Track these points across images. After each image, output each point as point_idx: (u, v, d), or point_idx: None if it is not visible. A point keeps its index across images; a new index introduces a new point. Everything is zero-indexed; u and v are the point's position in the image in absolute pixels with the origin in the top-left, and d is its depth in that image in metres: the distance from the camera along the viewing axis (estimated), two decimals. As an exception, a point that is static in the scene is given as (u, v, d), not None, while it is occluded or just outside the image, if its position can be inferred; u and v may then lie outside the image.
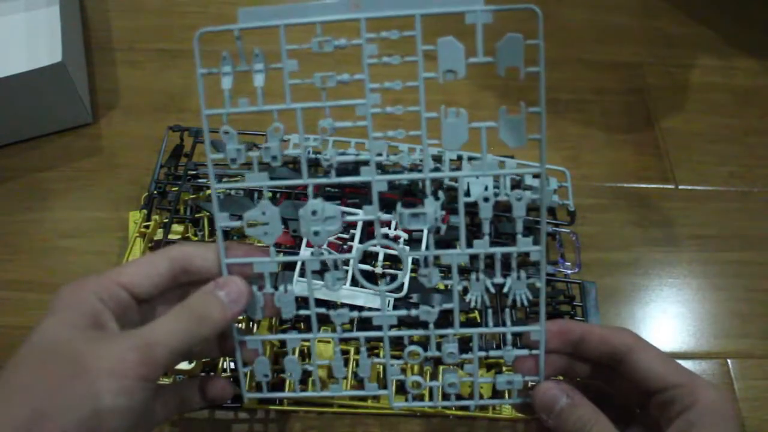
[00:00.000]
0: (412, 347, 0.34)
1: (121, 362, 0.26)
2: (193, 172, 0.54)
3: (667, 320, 0.54)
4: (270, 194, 0.53)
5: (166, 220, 0.51)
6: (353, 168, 0.55)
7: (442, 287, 0.50)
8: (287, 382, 0.43)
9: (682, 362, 0.51)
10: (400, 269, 0.47)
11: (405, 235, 0.48)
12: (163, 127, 0.63)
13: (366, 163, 0.54)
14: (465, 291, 0.42)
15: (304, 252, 0.45)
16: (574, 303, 0.49)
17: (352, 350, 0.45)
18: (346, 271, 0.45)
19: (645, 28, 0.76)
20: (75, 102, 0.60)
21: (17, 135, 0.61)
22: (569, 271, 0.52)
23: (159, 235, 0.51)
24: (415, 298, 0.46)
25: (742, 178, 0.63)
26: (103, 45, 0.70)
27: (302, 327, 0.47)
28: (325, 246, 0.45)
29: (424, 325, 0.34)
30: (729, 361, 0.52)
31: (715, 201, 0.62)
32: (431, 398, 0.43)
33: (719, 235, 0.59)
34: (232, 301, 0.30)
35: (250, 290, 0.31)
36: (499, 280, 0.33)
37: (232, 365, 0.47)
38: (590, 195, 0.56)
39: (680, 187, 0.62)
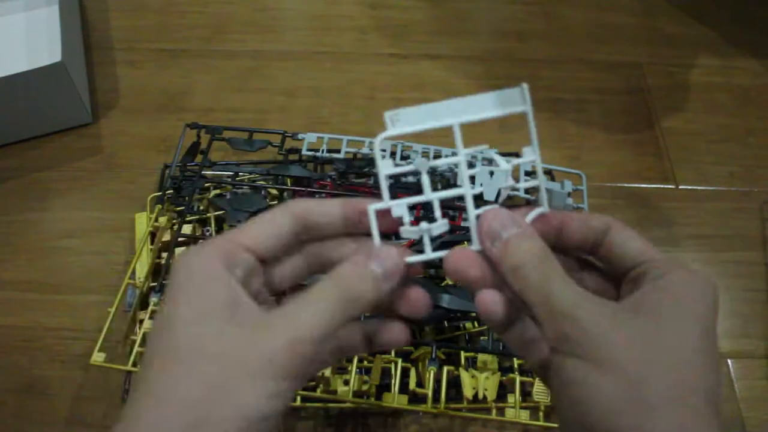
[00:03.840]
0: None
1: (271, 364, 0.24)
2: (209, 170, 0.55)
3: (667, 320, 0.54)
4: (276, 191, 0.53)
5: (175, 221, 0.52)
6: (367, 164, 0.55)
7: (451, 282, 0.50)
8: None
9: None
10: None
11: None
12: (163, 126, 0.63)
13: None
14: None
15: None
16: None
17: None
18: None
19: (645, 28, 0.76)
20: (75, 102, 0.60)
21: (17, 135, 0.61)
22: None
23: (167, 236, 0.51)
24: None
25: (742, 178, 0.63)
26: (103, 45, 0.70)
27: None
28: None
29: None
30: (729, 361, 0.52)
31: (715, 201, 0.62)
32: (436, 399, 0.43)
33: (719, 235, 0.59)
34: (387, 277, 0.26)
35: (405, 262, 0.27)
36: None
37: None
38: (590, 195, 0.56)
39: (680, 187, 0.62)
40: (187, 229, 0.51)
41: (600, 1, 0.78)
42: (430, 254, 0.28)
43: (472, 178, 0.50)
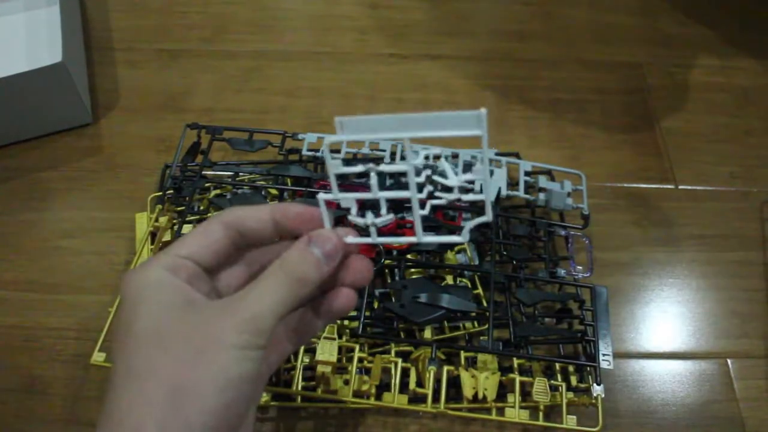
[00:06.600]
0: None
1: (236, 336, 0.26)
2: (209, 171, 0.55)
3: (667, 320, 0.54)
4: (276, 191, 0.53)
5: (175, 221, 0.52)
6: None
7: (451, 281, 0.50)
8: (295, 380, 0.44)
9: (682, 362, 0.52)
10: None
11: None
12: (163, 126, 0.63)
13: (379, 160, 0.55)
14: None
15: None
16: (585, 307, 0.49)
17: (357, 347, 0.45)
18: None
19: (645, 28, 0.76)
20: (75, 102, 0.60)
21: (17, 135, 0.61)
22: (580, 275, 0.52)
23: (167, 236, 0.51)
24: (423, 297, 0.46)
25: (742, 178, 0.63)
26: (103, 45, 0.70)
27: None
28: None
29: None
30: (729, 361, 0.52)
31: (715, 201, 0.62)
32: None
33: (719, 235, 0.59)
34: (328, 257, 0.30)
35: (343, 243, 0.30)
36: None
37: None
38: (590, 195, 0.56)
39: (680, 187, 0.63)
40: (187, 229, 0.51)
41: (600, 1, 0.78)
42: (375, 239, 0.30)
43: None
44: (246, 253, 0.32)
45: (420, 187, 0.29)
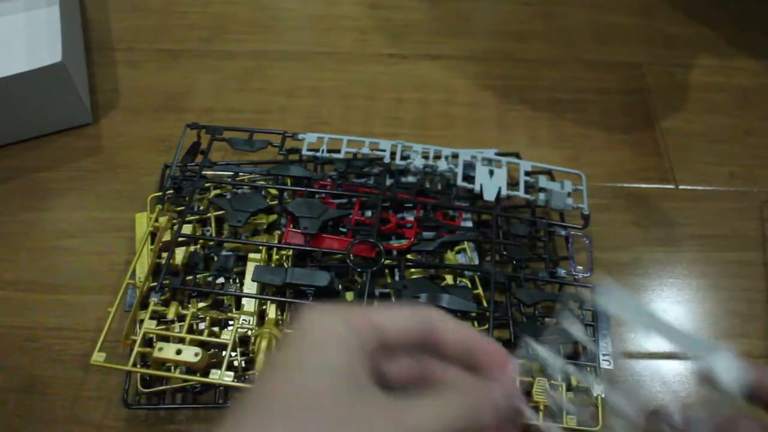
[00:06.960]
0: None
1: None
2: (209, 171, 0.55)
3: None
4: (276, 191, 0.53)
5: (175, 221, 0.52)
6: (365, 165, 0.56)
7: (451, 282, 0.50)
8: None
9: (682, 362, 0.52)
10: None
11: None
12: (163, 126, 0.63)
13: (379, 160, 0.55)
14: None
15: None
16: (585, 307, 0.49)
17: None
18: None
19: (645, 28, 0.76)
20: (75, 102, 0.60)
21: (17, 135, 0.61)
22: (580, 275, 0.52)
23: (167, 236, 0.51)
24: (423, 297, 0.46)
25: (742, 178, 0.63)
26: (103, 45, 0.70)
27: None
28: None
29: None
30: (729, 361, 0.52)
31: (715, 201, 0.62)
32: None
33: (719, 235, 0.59)
34: (507, 409, 0.28)
35: (521, 411, 0.29)
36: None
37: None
38: (590, 195, 0.56)
39: (680, 187, 0.62)
40: (187, 229, 0.51)
41: (600, 1, 0.78)
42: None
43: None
44: (424, 356, 0.30)
45: None
